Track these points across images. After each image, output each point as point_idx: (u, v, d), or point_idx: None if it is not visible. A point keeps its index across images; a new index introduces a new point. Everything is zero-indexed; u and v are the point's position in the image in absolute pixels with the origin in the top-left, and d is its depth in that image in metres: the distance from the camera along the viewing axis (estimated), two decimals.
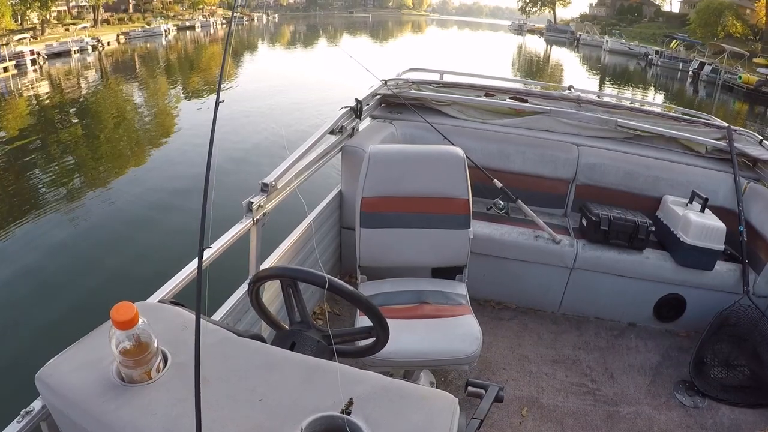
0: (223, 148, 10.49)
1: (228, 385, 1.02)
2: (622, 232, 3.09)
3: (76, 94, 18.94)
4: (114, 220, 7.90)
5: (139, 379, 1.01)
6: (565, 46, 58.02)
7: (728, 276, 3.05)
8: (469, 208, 2.46)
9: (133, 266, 6.19)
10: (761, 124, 23.52)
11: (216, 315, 2.03)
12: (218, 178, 8.12)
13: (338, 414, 0.97)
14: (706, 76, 33.48)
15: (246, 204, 2.09)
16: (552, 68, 39.68)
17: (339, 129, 3.15)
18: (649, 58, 42.12)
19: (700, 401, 2.74)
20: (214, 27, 52.88)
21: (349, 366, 1.11)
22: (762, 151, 3.44)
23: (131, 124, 14.56)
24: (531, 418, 2.55)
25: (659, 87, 33.40)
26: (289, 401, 1.00)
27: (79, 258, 6.73)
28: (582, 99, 4.02)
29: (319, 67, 26.58)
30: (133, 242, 7.09)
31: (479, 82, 4.56)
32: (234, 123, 12.63)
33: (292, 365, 1.10)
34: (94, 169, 10.85)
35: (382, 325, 1.40)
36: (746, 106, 27.77)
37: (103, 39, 33.05)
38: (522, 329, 3.21)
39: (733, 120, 19.89)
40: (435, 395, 1.05)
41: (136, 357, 0.98)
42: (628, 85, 32.35)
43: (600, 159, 3.48)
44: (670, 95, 30.61)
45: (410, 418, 0.98)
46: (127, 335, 0.97)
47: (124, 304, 0.98)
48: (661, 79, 36.42)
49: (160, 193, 8.80)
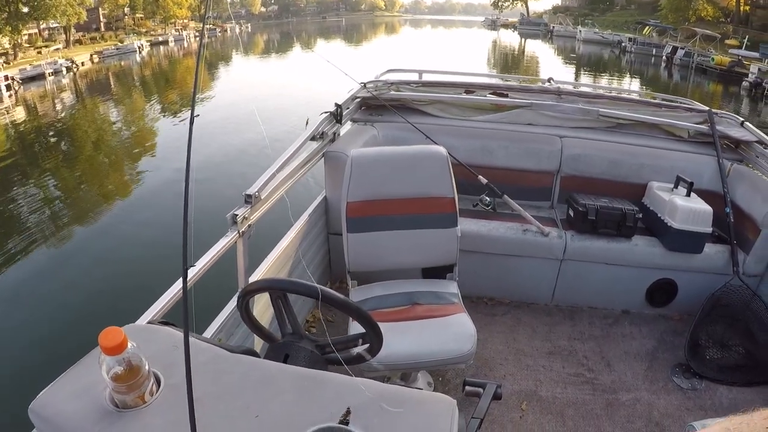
0: (205, 160, 10.45)
1: (223, 403, 1.01)
2: (609, 220, 3.09)
3: (53, 117, 18.72)
4: (97, 243, 7.80)
5: (132, 403, 0.99)
6: (539, 39, 58.44)
7: (718, 258, 3.07)
8: (455, 206, 2.46)
9: (119, 288, 6.11)
10: (736, 103, 23.90)
11: (207, 332, 2.00)
12: (203, 191, 8.18)
13: (336, 425, 0.96)
14: (680, 60, 33.95)
15: (230, 217, 2.07)
16: (528, 61, 39.92)
17: (320, 135, 3.13)
18: (623, 45, 42.58)
19: (698, 383, 2.75)
20: (187, 40, 52.65)
21: (344, 375, 1.10)
22: (744, 132, 3.48)
23: (110, 145, 14.45)
24: (531, 411, 2.55)
25: (634, 73, 33.76)
26: (286, 415, 0.99)
27: (64, 284, 6.63)
28: (562, 90, 4.03)
29: (297, 74, 26.54)
30: (119, 264, 7.01)
31: (459, 79, 4.56)
32: (214, 134, 12.55)
33: (286, 378, 1.09)
34: (75, 192, 10.72)
35: (375, 332, 1.39)
36: (720, 87, 28.19)
37: (76, 59, 32.61)
38: (516, 324, 3.21)
39: (709, 101, 20.21)
40: (433, 398, 1.05)
41: (128, 382, 0.96)
42: (603, 73, 32.67)
43: (583, 149, 3.48)
44: (646, 81, 30.97)
45: (409, 423, 0.97)
46: (117, 360, 0.95)
47: (112, 329, 0.96)
48: (635, 66, 36.82)
49: (142, 212, 8.72)
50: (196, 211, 1.09)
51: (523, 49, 50.33)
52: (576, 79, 28.01)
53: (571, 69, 33.48)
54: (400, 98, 3.76)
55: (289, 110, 14.21)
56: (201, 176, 9.24)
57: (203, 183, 8.84)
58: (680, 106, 3.93)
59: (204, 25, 1.76)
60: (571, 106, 3.68)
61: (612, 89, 13.53)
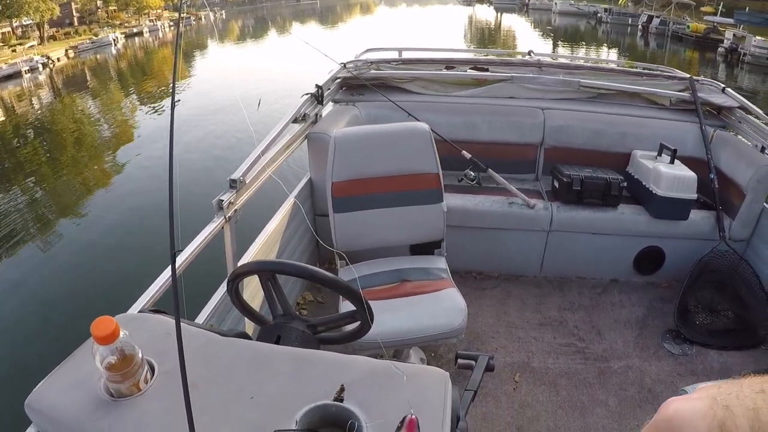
0: (189, 148, 10.39)
1: (217, 387, 1.01)
2: (594, 190, 3.10)
3: (32, 115, 18.54)
4: (85, 236, 7.80)
5: (128, 392, 0.99)
6: (515, 13, 58.25)
7: (703, 223, 3.09)
8: (440, 182, 2.46)
9: (110, 279, 6.12)
10: (713, 69, 24.12)
11: (198, 318, 2.00)
12: (189, 177, 8.14)
13: (331, 402, 0.97)
14: (655, 28, 34.15)
15: (216, 202, 2.08)
16: (504, 35, 39.89)
17: (302, 117, 3.10)
18: (599, 16, 42.70)
19: (689, 348, 2.78)
20: (162, 31, 51.88)
21: (337, 353, 1.11)
22: (725, 98, 3.48)
23: (91, 138, 14.38)
24: (524, 383, 2.57)
25: (611, 43, 33.92)
26: (281, 395, 0.99)
27: (53, 278, 6.65)
28: (543, 63, 4.00)
29: (275, 58, 26.32)
30: (107, 255, 7.01)
31: (439, 55, 4.52)
32: (195, 123, 12.47)
33: (279, 359, 1.09)
34: (58, 187, 10.67)
35: (365, 308, 1.39)
36: (696, 54, 28.43)
37: (52, 55, 32.02)
38: (506, 297, 3.22)
39: (686, 68, 20.34)
40: (425, 372, 1.05)
41: (122, 370, 0.97)
42: (580, 44, 32.73)
43: (566, 120, 3.48)
44: (623, 50, 31.10)
45: (403, 397, 0.98)
46: (110, 349, 0.96)
47: (103, 318, 0.96)
48: (612, 36, 36.97)
49: (128, 203, 8.68)
50: (181, 199, 1.09)
51: (500, 24, 50.23)
52: (554, 51, 28.02)
53: (548, 42, 33.48)
54: (380, 77, 3.72)
55: (271, 93, 14.08)
56: (185, 163, 9.26)
57: (188, 170, 8.84)
58: (661, 75, 3.93)
59: (180, 14, 1.74)
60: (552, 77, 3.66)
61: (593, 60, 13.57)
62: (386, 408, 0.96)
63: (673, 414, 0.46)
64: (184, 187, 1.15)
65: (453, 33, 39.39)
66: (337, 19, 65.58)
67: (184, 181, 1.36)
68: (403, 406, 0.94)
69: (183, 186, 1.17)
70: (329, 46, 3.76)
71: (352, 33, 41.13)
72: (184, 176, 8.36)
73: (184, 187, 1.16)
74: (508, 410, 2.41)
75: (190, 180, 7.85)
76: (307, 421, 0.95)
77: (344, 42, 26.21)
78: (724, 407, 0.42)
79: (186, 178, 7.97)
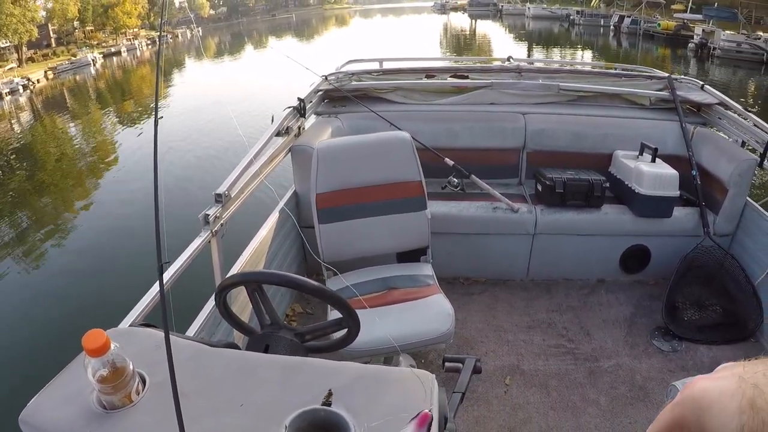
0: (176, 164, 10.34)
1: (207, 396, 1.02)
2: (577, 192, 3.11)
3: (15, 138, 18.31)
4: (75, 254, 7.82)
5: (120, 404, 1.00)
6: (489, 19, 58.94)
7: (687, 220, 3.11)
8: (423, 190, 2.48)
9: (100, 296, 6.13)
10: (685, 65, 24.56)
11: (189, 331, 2.01)
12: (177, 193, 8.14)
13: (319, 407, 0.97)
14: (627, 28, 34.74)
15: (202, 217, 2.10)
16: (480, 42, 40.23)
17: (285, 130, 3.11)
18: (571, 18, 43.32)
19: (678, 344, 2.79)
20: (140, 49, 52.08)
21: (325, 359, 1.12)
22: (704, 95, 3.53)
23: (75, 159, 14.33)
24: (515, 385, 2.57)
25: (585, 44, 34.39)
26: (270, 402, 1.00)
27: (45, 296, 6.65)
28: (522, 68, 4.03)
29: (255, 73, 26.37)
30: (97, 272, 7.02)
31: (419, 65, 4.55)
32: (182, 138, 12.44)
33: (267, 367, 1.10)
34: (43, 208, 10.65)
35: (351, 314, 1.40)
36: (668, 51, 28.94)
37: (32, 77, 31.94)
38: (494, 301, 3.22)
39: (660, 66, 20.68)
40: (412, 375, 1.06)
41: (113, 382, 0.98)
42: (555, 47, 33.14)
43: (547, 124, 3.50)
44: (596, 51, 31.54)
45: (390, 400, 0.99)
46: (101, 362, 0.97)
47: (95, 331, 0.97)
48: (585, 37, 37.50)
49: (116, 220, 8.69)
50: (168, 214, 1.10)
51: (474, 30, 50.69)
52: (529, 55, 28.32)
53: (523, 45, 33.85)
54: (362, 88, 3.74)
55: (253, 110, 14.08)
56: (170, 180, 9.29)
57: (174, 187, 8.85)
58: (640, 75, 3.97)
59: (161, 32, 1.75)
60: (532, 82, 3.69)
61: (572, 63, 13.76)
62: (374, 411, 0.96)
63: (701, 393, 0.46)
64: (171, 203, 1.16)
65: (429, 41, 39.70)
66: (313, 32, 65.81)
67: (170, 197, 1.38)
68: (390, 409, 0.96)
69: (169, 202, 1.18)
70: (308, 59, 3.78)
71: (329, 45, 41.26)
72: (170, 192, 8.38)
73: (170, 202, 1.17)
74: (500, 413, 2.41)
75: (176, 196, 7.85)
76: (296, 426, 0.96)
77: (323, 55, 26.35)
78: (752, 385, 0.42)
79: (172, 194, 8.00)
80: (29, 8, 38.86)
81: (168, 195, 8.60)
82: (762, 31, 25.03)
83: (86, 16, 51.34)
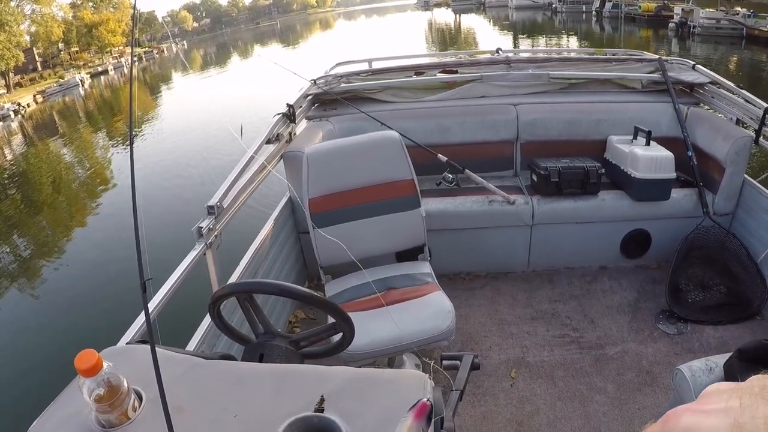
0: (171, 177, 10.36)
1: (203, 409, 1.03)
2: (573, 180, 3.10)
3: (9, 164, 18.22)
4: (71, 278, 7.75)
5: (117, 421, 1.02)
6: (473, 12, 58.99)
7: (686, 201, 3.10)
8: (416, 188, 2.47)
9: (97, 318, 6.08)
10: (667, 45, 24.65)
11: (190, 345, 2.01)
12: (173, 207, 8.11)
13: (312, 413, 0.98)
14: (608, 12, 34.90)
15: (196, 230, 2.11)
16: (465, 35, 40.25)
17: (275, 137, 3.10)
18: (554, 6, 43.47)
19: (683, 327, 2.78)
20: (126, 67, 51.76)
21: (317, 365, 1.13)
22: (696, 75, 3.51)
23: (68, 181, 14.28)
24: (521, 378, 2.56)
25: (569, 31, 34.46)
26: (263, 411, 1.01)
27: (43, 321, 6.62)
28: (511, 59, 4.01)
29: (243, 82, 26.33)
30: (93, 294, 6.97)
31: (408, 62, 4.53)
32: (168, 151, 12.39)
33: (261, 376, 1.11)
34: (40, 232, 10.58)
35: (343, 318, 1.41)
36: (650, 32, 29.05)
37: (21, 102, 31.85)
38: (496, 294, 3.21)
39: (644, 47, 20.71)
40: (403, 375, 1.07)
41: (109, 401, 0.99)
42: (540, 35, 33.19)
43: (539, 114, 3.49)
44: (581, 36, 31.60)
45: (383, 402, 0.99)
46: (96, 381, 0.98)
47: (86, 351, 0.99)
48: (568, 24, 37.61)
49: (110, 242, 8.60)
50: (161, 228, 1.10)
51: (459, 24, 50.74)
52: (515, 46, 28.33)
53: (509, 36, 33.89)
54: (351, 90, 3.72)
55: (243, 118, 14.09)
56: (162, 193, 9.30)
57: (174, 199, 8.85)
58: (630, 58, 3.95)
59: (133, 43, 1.75)
60: (522, 73, 3.67)
61: (561, 51, 13.77)
62: (366, 414, 0.97)
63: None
64: (163, 217, 1.16)
65: (415, 38, 39.69)
66: (299, 38, 65.73)
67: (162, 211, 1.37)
68: (383, 411, 0.96)
69: (161, 216, 1.18)
70: (295, 64, 3.77)
71: (316, 49, 41.22)
72: (163, 206, 8.29)
73: (162, 216, 1.16)
74: (507, 407, 2.40)
75: (176, 209, 7.85)
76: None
77: (310, 59, 26.35)
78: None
79: (168, 208, 7.99)
80: (14, 33, 38.80)
81: (160, 207, 8.70)
82: (740, 6, 25.07)
83: (70, 37, 51.43)
